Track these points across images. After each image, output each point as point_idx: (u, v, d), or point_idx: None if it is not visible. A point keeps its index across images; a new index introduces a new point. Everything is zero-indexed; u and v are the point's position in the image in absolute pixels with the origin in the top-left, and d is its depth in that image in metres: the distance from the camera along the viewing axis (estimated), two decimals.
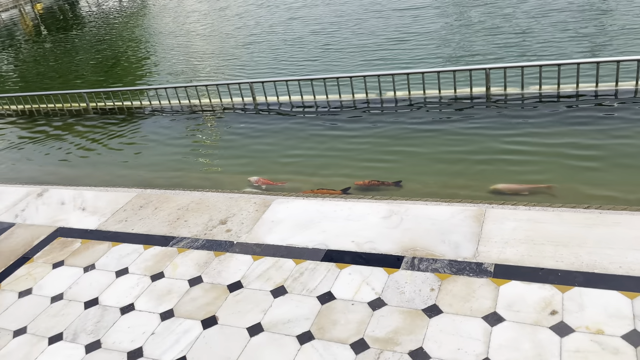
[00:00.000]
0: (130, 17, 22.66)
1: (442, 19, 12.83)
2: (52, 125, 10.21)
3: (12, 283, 4.43)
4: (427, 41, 11.51)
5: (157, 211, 5.13)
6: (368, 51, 11.61)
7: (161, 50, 15.50)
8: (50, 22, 26.71)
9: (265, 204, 4.88)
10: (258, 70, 11.83)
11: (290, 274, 3.85)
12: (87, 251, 4.68)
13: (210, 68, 12.88)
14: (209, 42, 15.39)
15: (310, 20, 15.30)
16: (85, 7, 28.70)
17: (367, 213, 4.40)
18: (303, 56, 12.23)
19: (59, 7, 31.45)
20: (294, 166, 6.88)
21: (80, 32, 21.37)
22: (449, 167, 6.15)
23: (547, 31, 10.58)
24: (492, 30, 11.33)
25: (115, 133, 9.22)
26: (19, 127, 10.58)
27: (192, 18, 19.14)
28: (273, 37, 14.31)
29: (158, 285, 4.04)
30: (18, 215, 5.59)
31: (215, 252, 4.31)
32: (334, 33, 13.51)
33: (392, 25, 13.19)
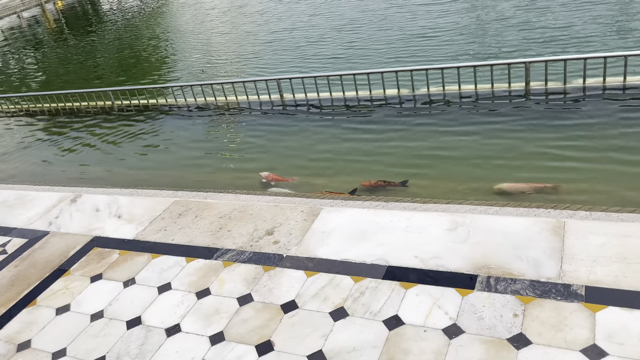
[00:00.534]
0: (150, 14, 22.48)
1: (470, 13, 12.31)
2: (75, 124, 10.08)
3: (49, 298, 4.18)
4: (457, 36, 10.99)
5: (197, 220, 4.84)
6: (395, 48, 11.13)
7: (182, 49, 15.25)
8: (72, 20, 26.74)
9: (313, 212, 4.54)
10: (281, 68, 11.48)
11: (350, 294, 3.51)
12: (126, 263, 4.41)
13: (233, 66, 12.56)
14: (230, 40, 15.06)
15: (333, 16, 14.84)
16: (106, 4, 28.69)
17: (428, 224, 4.03)
18: (327, 53, 11.81)
19: (80, 4, 31.53)
20: (314, 167, 6.65)
21: (101, 30, 21.28)
22: (481, 171, 5.82)
23: (588, 25, 10.00)
24: (526, 24, 10.76)
25: (140, 132, 9.03)
26: (42, 126, 10.46)
27: (211, 15, 18.84)
28: (295, 34, 13.89)
29: (204, 304, 3.73)
30: (52, 223, 5.36)
31: (264, 267, 3.99)
32: (358, 29, 13.04)
33: (419, 20, 12.67)
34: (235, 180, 6.74)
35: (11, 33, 26.02)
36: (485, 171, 5.81)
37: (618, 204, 4.19)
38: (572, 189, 5.25)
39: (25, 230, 5.34)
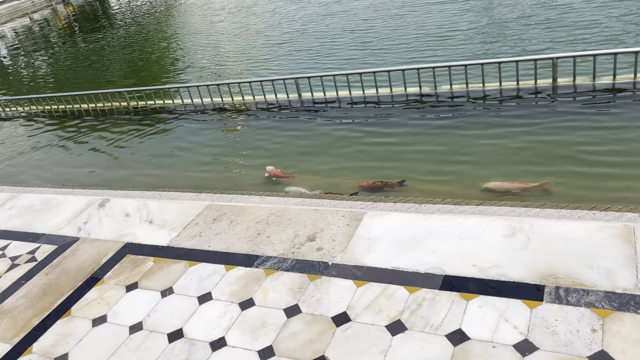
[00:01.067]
0: (159, 16, 22.29)
1: (487, 13, 11.99)
2: (85, 126, 9.95)
3: (84, 309, 4.00)
4: (476, 35, 10.68)
5: (233, 225, 4.65)
6: (412, 48, 10.81)
7: (193, 50, 15.02)
8: (82, 21, 26.67)
9: (356, 217, 4.34)
10: (295, 69, 11.16)
11: (406, 305, 3.30)
12: (162, 272, 4.23)
13: (245, 67, 12.33)
14: (242, 40, 14.79)
15: (346, 16, 14.51)
16: (116, 5, 28.64)
17: (482, 230, 3.80)
18: (342, 54, 11.52)
19: (90, 5, 31.52)
20: (330, 170, 6.51)
21: (111, 31, 21.15)
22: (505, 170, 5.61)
23: (614, 22, 9.68)
24: (547, 22, 10.45)
25: (156, 133, 8.91)
26: (52, 128, 10.35)
27: (221, 16, 18.60)
28: (308, 35, 13.61)
29: (249, 315, 3.54)
30: (81, 229, 5.20)
31: (309, 275, 3.79)
32: (372, 29, 12.69)
33: (434, 19, 12.37)
34: (254, 180, 6.59)
35: (22, 35, 26.05)
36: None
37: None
38: (562, 188, 5.16)
39: (54, 236, 5.18)
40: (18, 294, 4.38)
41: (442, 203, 4.28)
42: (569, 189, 5.14)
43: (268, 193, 5.22)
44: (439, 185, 5.66)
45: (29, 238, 5.26)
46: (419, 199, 4.45)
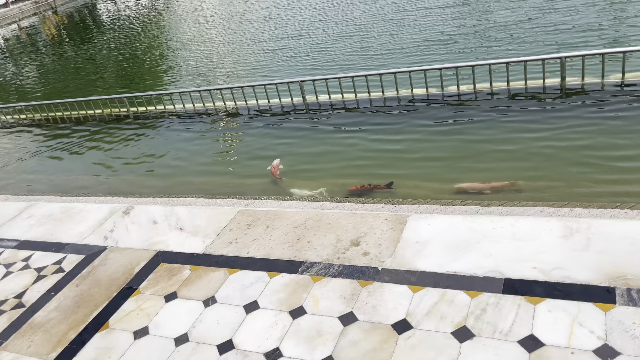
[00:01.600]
0: (149, 23, 22.02)
1: (483, 16, 11.93)
2: (78, 133, 9.78)
3: (123, 320, 3.84)
4: (473, 38, 10.59)
5: (270, 230, 4.50)
6: (411, 53, 10.66)
7: (185, 57, 14.75)
8: (71, 28, 26.26)
9: (399, 220, 4.21)
10: (293, 75, 10.95)
11: (470, 311, 3.17)
12: (201, 280, 4.08)
13: (243, 73, 12.12)
14: (236, 46, 14.53)
15: (342, 22, 14.29)
16: (105, 12, 28.34)
17: (537, 231, 3.69)
18: (340, 59, 11.34)
19: (78, 12, 31.18)
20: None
21: (100, 38, 20.80)
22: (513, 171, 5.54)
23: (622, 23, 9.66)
24: (548, 25, 10.40)
25: (158, 138, 8.77)
26: (43, 136, 10.19)
27: (213, 23, 18.29)
28: (302, 41, 13.39)
29: (302, 324, 3.40)
30: (108, 237, 5.03)
31: (359, 281, 3.66)
32: (370, 34, 12.48)
33: (430, 23, 12.27)
34: (266, 185, 6.48)
35: (10, 42, 25.67)
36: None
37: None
38: (531, 186, 5.20)
39: (80, 245, 5.01)
40: (49, 306, 4.20)
41: (490, 205, 4.16)
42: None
43: (303, 198, 5.08)
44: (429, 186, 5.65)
45: (52, 248, 5.08)
46: (466, 201, 4.33)
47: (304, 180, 6.31)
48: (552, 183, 5.25)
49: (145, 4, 27.10)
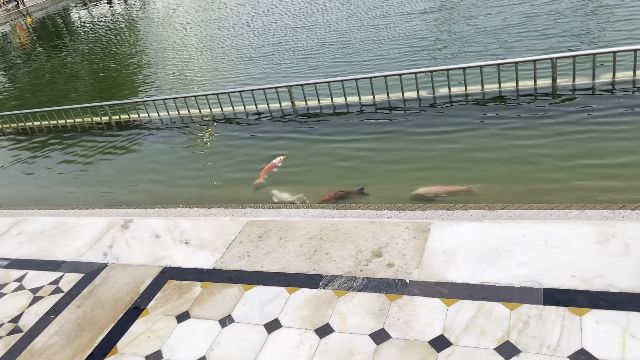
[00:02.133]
0: (124, 30, 21.50)
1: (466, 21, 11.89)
2: (53, 143, 9.45)
3: (133, 344, 3.56)
4: (459, 43, 10.53)
5: (283, 242, 4.27)
6: (396, 58, 10.45)
7: (161, 64, 14.35)
8: (43, 35, 25.46)
9: (422, 228, 4.02)
10: (277, 81, 10.71)
11: (511, 324, 2.99)
12: (214, 298, 3.82)
13: (223, 81, 11.85)
14: (212, 53, 14.20)
15: (323, 27, 14.02)
16: (77, 19, 27.65)
17: (571, 237, 3.54)
18: (323, 65, 11.16)
19: (50, 19, 30.36)
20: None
21: (73, 46, 20.18)
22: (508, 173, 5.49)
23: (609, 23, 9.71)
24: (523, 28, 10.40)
25: (146, 147, 8.47)
26: (16, 146, 9.83)
27: (192, 30, 17.85)
28: (284, 47, 13.10)
29: (331, 344, 3.17)
30: (107, 254, 4.73)
31: (387, 295, 3.45)
32: (352, 41, 12.18)
33: (410, 29, 12.17)
34: (255, 194, 6.28)
35: None
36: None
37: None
38: (487, 190, 5.24)
39: (78, 263, 4.70)
40: (49, 330, 3.90)
41: (515, 209, 4.01)
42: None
43: (316, 205, 4.87)
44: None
45: (47, 267, 4.76)
46: (488, 205, 4.18)
47: (291, 186, 6.13)
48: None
49: (120, 12, 26.52)
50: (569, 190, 5.00)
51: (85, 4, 33.33)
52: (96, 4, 32.02)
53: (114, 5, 29.20)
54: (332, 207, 4.85)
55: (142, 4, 27.13)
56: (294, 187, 6.06)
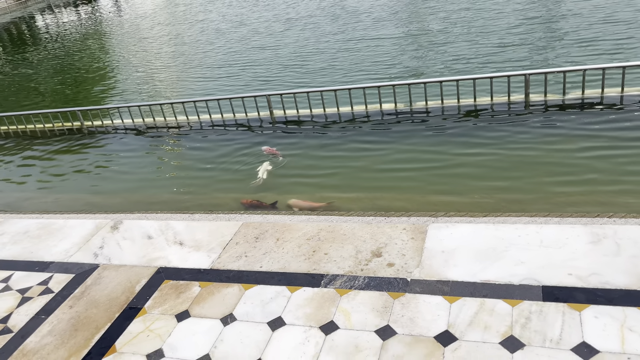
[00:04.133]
0: (90, 35, 21.12)
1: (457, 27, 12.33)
2: (15, 148, 9.23)
3: (132, 343, 3.50)
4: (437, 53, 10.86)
5: (281, 243, 4.28)
6: (378, 66, 10.71)
7: (126, 71, 14.22)
8: (7, 41, 24.87)
9: (419, 229, 4.10)
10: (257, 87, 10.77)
11: (513, 320, 3.08)
12: (213, 297, 3.79)
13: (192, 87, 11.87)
14: (181, 62, 14.05)
15: (294, 36, 14.20)
16: (43, 26, 26.99)
17: (565, 238, 3.67)
18: (300, 71, 11.30)
19: (15, 25, 29.58)
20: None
21: (38, 50, 19.66)
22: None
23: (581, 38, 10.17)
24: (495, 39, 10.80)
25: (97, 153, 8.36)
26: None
27: (164, 37, 17.63)
28: (265, 54, 13.14)
29: (337, 340, 3.19)
30: (98, 254, 4.64)
31: (389, 293, 3.50)
32: (340, 48, 12.37)
33: (386, 35, 12.52)
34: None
35: None
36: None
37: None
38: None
39: (67, 263, 4.59)
40: (41, 331, 3.79)
41: (511, 215, 4.13)
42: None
43: (317, 212, 4.89)
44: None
45: (34, 267, 4.63)
46: (483, 211, 4.29)
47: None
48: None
49: (86, 18, 26.03)
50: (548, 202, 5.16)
51: (51, 10, 32.61)
52: (61, 10, 31.37)
53: (81, 12, 28.67)
54: (325, 212, 4.87)
55: (116, 9, 26.76)
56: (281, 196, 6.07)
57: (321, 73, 10.87)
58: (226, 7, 20.09)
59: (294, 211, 5.03)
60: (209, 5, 21.40)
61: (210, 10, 20.38)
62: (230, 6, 20.06)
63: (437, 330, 3.13)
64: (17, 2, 37.36)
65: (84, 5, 31.73)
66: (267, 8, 18.04)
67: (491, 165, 5.98)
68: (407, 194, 5.71)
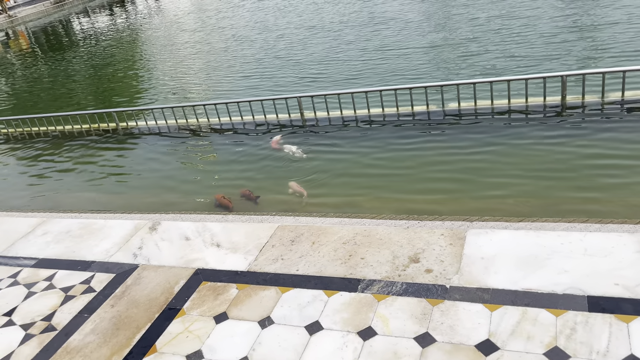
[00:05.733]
0: (125, 40, 21.29)
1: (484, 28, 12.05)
2: (53, 148, 9.46)
3: (172, 344, 3.56)
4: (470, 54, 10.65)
5: (316, 246, 4.29)
6: (405, 68, 10.59)
7: (155, 75, 14.36)
8: (43, 43, 25.37)
9: (457, 235, 4.05)
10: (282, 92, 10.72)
11: (558, 330, 3.01)
12: (251, 300, 3.83)
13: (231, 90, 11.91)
14: (227, 66, 13.99)
15: (326, 36, 14.19)
16: (78, 27, 27.60)
17: (610, 246, 3.57)
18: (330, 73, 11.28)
19: (52, 28, 30.35)
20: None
21: (75, 52, 20.06)
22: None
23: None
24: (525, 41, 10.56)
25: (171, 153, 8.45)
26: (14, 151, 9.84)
27: (194, 42, 17.73)
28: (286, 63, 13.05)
29: (375, 346, 3.18)
30: (137, 255, 4.74)
31: (428, 300, 3.47)
32: (364, 49, 12.33)
33: (415, 38, 12.39)
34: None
35: None
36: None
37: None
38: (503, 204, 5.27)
39: (108, 263, 4.70)
40: (84, 329, 3.89)
41: (545, 220, 4.04)
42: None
43: (348, 214, 4.89)
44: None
45: (77, 266, 4.76)
46: (524, 218, 4.21)
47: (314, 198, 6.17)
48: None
49: (121, 21, 26.55)
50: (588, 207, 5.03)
51: (87, 12, 33.42)
52: (97, 13, 32.13)
53: (116, 14, 29.30)
54: (362, 216, 4.85)
55: (157, 7, 27.22)
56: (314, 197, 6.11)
57: (357, 77, 10.82)
58: (252, 13, 20.15)
59: (325, 213, 5.03)
60: (238, 10, 21.57)
61: (241, 15, 20.52)
62: (259, 12, 20.11)
63: (478, 339, 3.08)
64: (54, 5, 38.48)
65: (118, 8, 32.44)
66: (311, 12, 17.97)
67: (524, 167, 5.87)
68: (439, 195, 5.65)
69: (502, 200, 5.34)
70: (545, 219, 4.18)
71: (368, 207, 5.61)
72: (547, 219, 4.19)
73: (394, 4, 15.58)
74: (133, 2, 33.70)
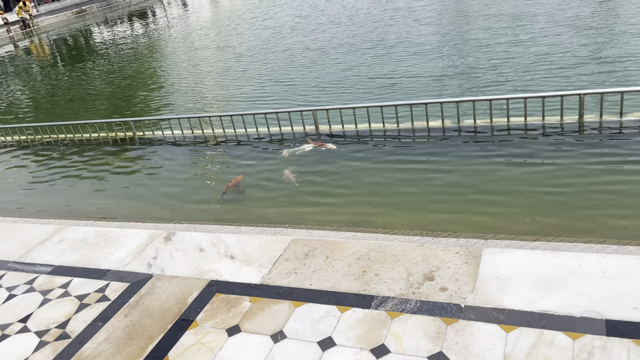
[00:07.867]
0: (142, 52, 21.48)
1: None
2: (71, 155, 9.60)
3: (184, 355, 3.56)
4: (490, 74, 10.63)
5: (330, 261, 4.28)
6: (419, 83, 10.64)
7: (175, 82, 14.56)
8: (64, 52, 25.82)
9: (472, 254, 4.02)
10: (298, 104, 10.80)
11: (575, 354, 2.96)
12: (263, 313, 3.83)
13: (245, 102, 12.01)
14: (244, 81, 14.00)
15: (345, 48, 14.31)
16: (99, 37, 28.03)
17: (629, 269, 3.52)
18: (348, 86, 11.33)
19: (73, 38, 30.90)
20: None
21: (94, 61, 20.38)
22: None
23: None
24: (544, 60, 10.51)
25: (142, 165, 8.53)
26: (31, 157, 9.98)
27: (208, 52, 17.95)
28: (305, 74, 13.15)
29: None
30: (152, 265, 4.77)
31: (442, 319, 3.44)
32: (384, 62, 12.40)
33: (421, 55, 12.44)
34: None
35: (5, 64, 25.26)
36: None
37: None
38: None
39: (123, 272, 4.74)
40: (98, 337, 3.91)
41: (569, 242, 4.00)
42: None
43: (361, 229, 4.88)
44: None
45: (92, 275, 4.80)
46: (540, 237, 4.17)
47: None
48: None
49: (140, 31, 26.97)
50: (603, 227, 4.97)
51: (107, 22, 34.00)
52: (116, 24, 32.69)
53: (136, 25, 29.79)
54: (376, 230, 4.83)
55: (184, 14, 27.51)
56: None
57: (377, 92, 10.86)
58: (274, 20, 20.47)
59: (337, 227, 5.03)
60: (254, 21, 21.86)
61: (260, 25, 20.81)
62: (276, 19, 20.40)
63: (493, 359, 3.05)
64: (75, 15, 39.26)
65: (138, 19, 33.01)
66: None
67: (537, 186, 5.81)
68: (452, 213, 5.62)
69: (518, 218, 5.31)
70: (561, 239, 4.14)
71: (380, 222, 5.61)
72: (562, 239, 4.14)
73: (420, 28, 15.59)
74: (154, 13, 34.27)
